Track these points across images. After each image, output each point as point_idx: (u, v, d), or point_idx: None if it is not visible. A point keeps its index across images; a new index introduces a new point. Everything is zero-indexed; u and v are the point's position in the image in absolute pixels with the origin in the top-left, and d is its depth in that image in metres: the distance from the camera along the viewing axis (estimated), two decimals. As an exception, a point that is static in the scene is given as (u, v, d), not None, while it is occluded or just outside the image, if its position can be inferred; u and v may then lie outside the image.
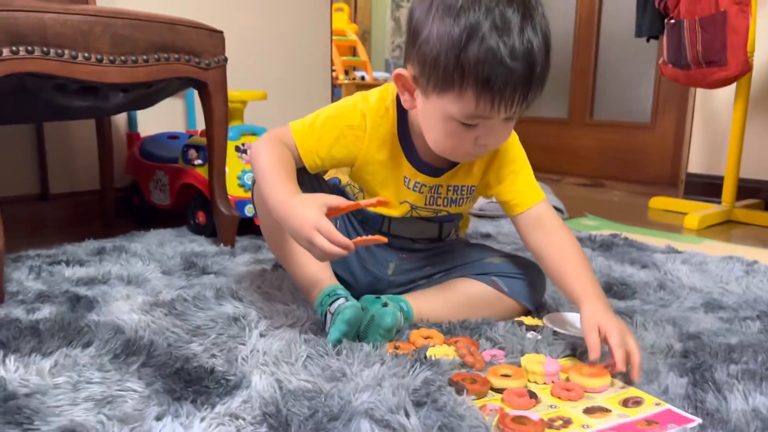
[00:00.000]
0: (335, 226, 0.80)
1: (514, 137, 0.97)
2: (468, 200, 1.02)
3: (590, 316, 0.84)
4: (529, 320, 0.98)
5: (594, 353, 0.80)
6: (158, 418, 0.68)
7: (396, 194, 0.98)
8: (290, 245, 0.93)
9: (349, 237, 0.88)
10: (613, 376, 0.80)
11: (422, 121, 0.89)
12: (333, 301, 0.90)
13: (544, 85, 0.81)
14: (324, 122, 0.94)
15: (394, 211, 1.01)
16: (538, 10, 0.79)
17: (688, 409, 0.73)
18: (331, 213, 0.81)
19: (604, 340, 0.81)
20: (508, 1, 0.76)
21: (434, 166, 0.97)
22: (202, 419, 0.68)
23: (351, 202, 0.83)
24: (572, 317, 0.98)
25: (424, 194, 0.99)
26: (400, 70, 0.86)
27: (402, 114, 0.94)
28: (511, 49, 0.75)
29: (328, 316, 0.89)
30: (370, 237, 0.84)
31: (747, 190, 2.21)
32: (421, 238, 1.05)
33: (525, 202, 0.97)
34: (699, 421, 0.69)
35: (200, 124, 1.92)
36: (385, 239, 0.84)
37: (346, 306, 0.87)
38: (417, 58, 0.82)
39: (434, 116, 0.85)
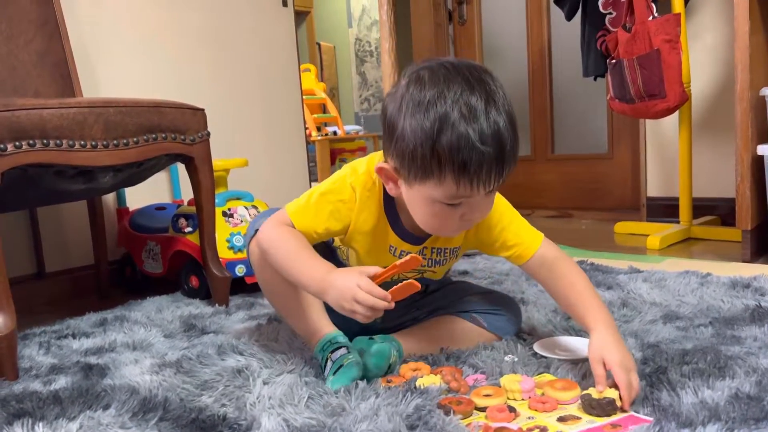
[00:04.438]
0: None
1: (498, 209, 1.02)
2: (450, 259, 1.08)
3: (597, 347, 0.89)
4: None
5: (600, 386, 0.85)
6: (182, 462, 0.76)
7: (378, 261, 0.99)
8: (290, 298, 1.03)
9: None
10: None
11: (409, 205, 0.94)
12: (335, 349, 0.98)
13: (516, 160, 0.87)
14: (318, 200, 0.99)
15: None
16: (499, 92, 0.85)
17: (646, 407, 0.83)
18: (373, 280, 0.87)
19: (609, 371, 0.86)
20: (471, 90, 0.83)
21: (417, 236, 1.02)
22: (222, 459, 0.76)
23: (387, 268, 0.88)
24: (561, 341, 1.09)
25: None
26: (381, 164, 0.93)
27: (386, 191, 0.98)
28: (480, 133, 0.81)
29: (329, 362, 0.97)
30: (404, 284, 0.87)
31: (704, 208, 2.36)
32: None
33: (525, 252, 1.02)
34: (652, 420, 0.79)
35: (185, 194, 2.03)
36: (419, 286, 0.87)
37: (351, 362, 0.94)
38: (395, 152, 0.88)
39: (419, 201, 0.90)
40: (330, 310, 1.06)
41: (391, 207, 1.00)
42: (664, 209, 2.51)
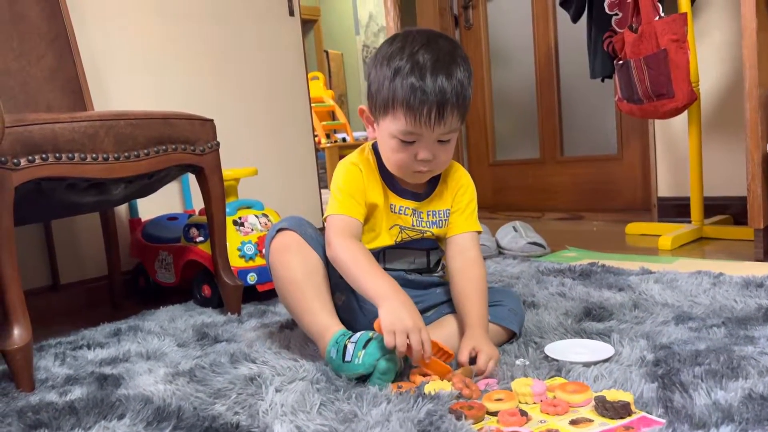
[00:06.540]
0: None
1: (468, 180, 1.22)
2: (445, 223, 1.20)
3: (468, 338, 1.05)
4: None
5: (463, 365, 1.02)
6: (196, 471, 0.77)
7: (387, 220, 1.16)
8: (303, 296, 1.10)
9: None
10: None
11: (380, 145, 1.12)
12: (351, 336, 1.03)
13: (460, 112, 1.04)
14: (341, 191, 1.13)
15: (388, 239, 1.16)
16: (457, 61, 1.03)
17: (659, 409, 0.83)
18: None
19: (475, 357, 1.02)
20: (426, 49, 1.02)
21: (415, 192, 1.17)
22: (235, 467, 0.77)
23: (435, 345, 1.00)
24: (572, 344, 1.09)
25: (409, 216, 1.16)
26: (362, 106, 1.13)
27: (380, 158, 1.15)
28: (424, 82, 1.00)
29: (349, 345, 1.01)
30: (442, 365, 0.99)
31: (716, 207, 2.34)
32: (414, 269, 1.19)
33: (460, 228, 1.18)
34: (665, 422, 0.79)
35: (197, 204, 2.05)
36: (450, 370, 0.99)
37: (379, 338, 0.99)
38: (369, 95, 1.10)
39: (385, 137, 1.08)
40: (340, 309, 1.14)
41: (386, 173, 1.15)
42: (675, 209, 2.49)
